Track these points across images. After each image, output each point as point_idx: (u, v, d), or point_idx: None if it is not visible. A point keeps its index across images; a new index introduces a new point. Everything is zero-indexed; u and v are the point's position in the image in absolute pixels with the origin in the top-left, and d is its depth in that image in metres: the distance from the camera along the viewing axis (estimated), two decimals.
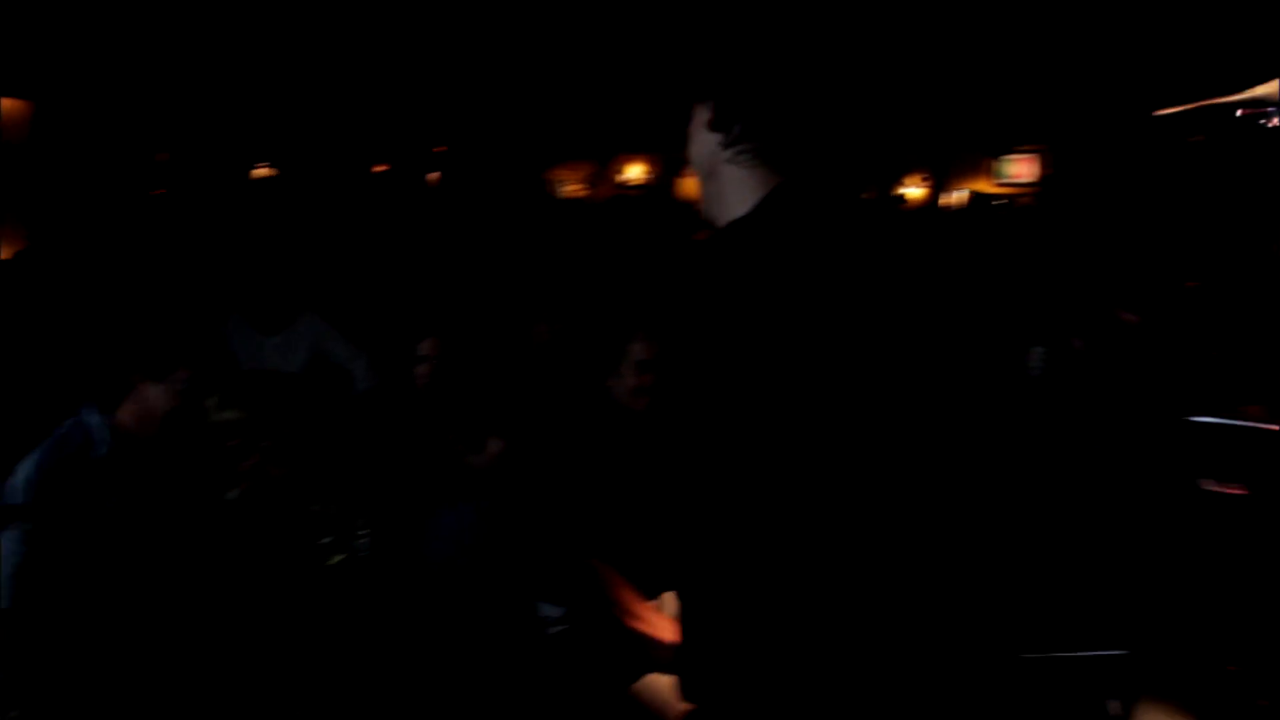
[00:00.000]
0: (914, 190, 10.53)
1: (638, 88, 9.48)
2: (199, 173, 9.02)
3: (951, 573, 1.48)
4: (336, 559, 2.90)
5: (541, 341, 3.95)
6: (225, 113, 9.05)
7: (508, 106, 10.20)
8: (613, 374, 3.01)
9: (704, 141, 1.46)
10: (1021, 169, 9.93)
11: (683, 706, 1.54)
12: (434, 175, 10.99)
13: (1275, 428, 3.40)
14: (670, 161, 10.92)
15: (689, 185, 10.86)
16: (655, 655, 2.74)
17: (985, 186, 10.05)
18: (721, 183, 1.45)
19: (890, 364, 1.37)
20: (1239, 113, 2.03)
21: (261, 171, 10.25)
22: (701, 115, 1.47)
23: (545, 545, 2.73)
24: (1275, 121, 1.98)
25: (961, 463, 1.48)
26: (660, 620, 2.79)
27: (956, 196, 10.08)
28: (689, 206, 10.81)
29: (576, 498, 2.81)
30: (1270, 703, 3.01)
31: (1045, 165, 9.77)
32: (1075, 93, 8.27)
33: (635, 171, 11.08)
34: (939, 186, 10.35)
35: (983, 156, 10.02)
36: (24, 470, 2.49)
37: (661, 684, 2.55)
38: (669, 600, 2.95)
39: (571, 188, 11.37)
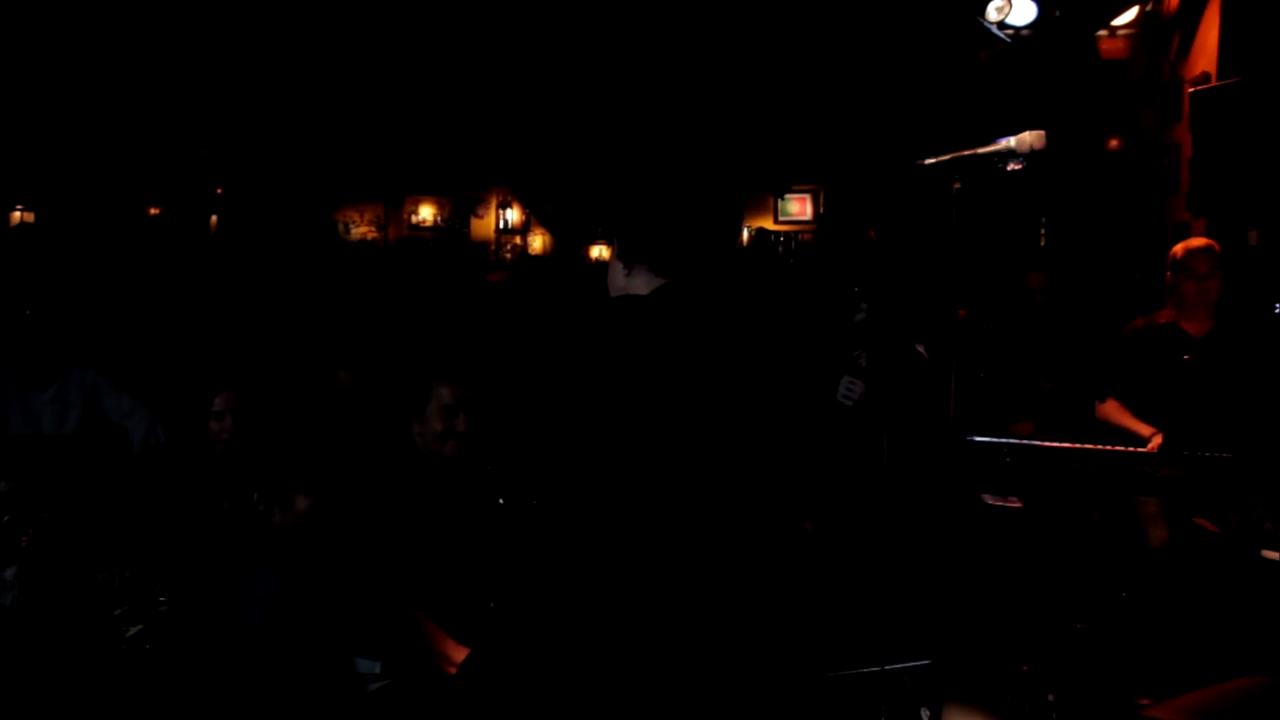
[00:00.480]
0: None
1: (428, 126, 9.41)
2: None
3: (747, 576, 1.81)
4: (133, 630, 2.72)
5: (344, 388, 3.83)
6: None
7: (291, 146, 9.88)
8: (417, 419, 2.97)
9: (617, 265, 1.93)
10: (799, 207, 10.47)
11: None
12: (214, 218, 10.50)
13: (1045, 443, 3.71)
14: (461, 203, 10.85)
15: (481, 227, 10.84)
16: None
17: (768, 224, 10.52)
18: (630, 281, 1.90)
19: (710, 391, 1.78)
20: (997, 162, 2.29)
21: (17, 216, 9.50)
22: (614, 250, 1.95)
23: (359, 600, 2.64)
24: (1014, 166, 2.28)
25: (764, 475, 1.86)
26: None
27: (746, 234, 10.52)
28: (481, 248, 10.79)
29: (388, 550, 2.75)
30: (1057, 697, 3.26)
31: (819, 204, 10.35)
32: (846, 139, 8.83)
33: (426, 212, 10.93)
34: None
35: (767, 195, 10.50)
36: None
37: None
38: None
39: (361, 229, 11.10)
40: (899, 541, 3.48)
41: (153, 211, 10.12)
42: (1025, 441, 3.75)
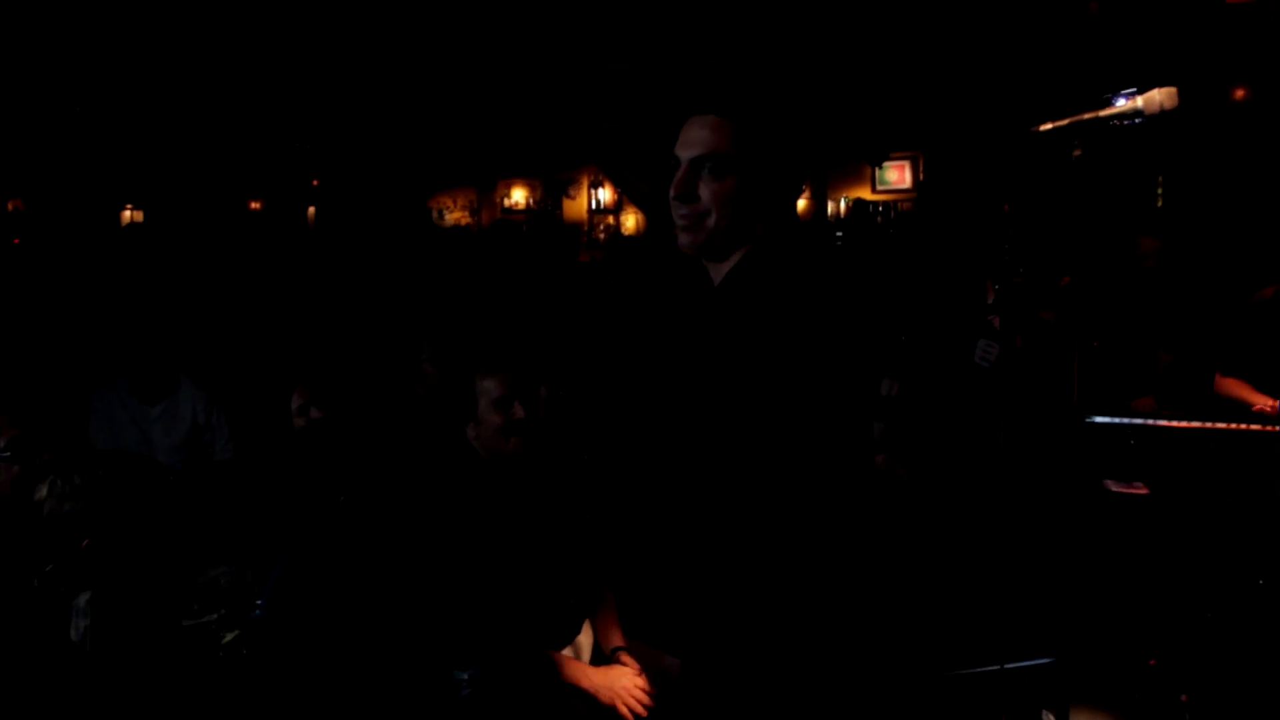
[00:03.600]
0: (800, 202, 10.64)
1: (518, 108, 9.36)
2: (59, 220, 8.54)
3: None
4: (229, 636, 2.69)
5: (430, 382, 3.75)
6: (86, 153, 8.61)
7: (384, 135, 9.95)
8: (472, 421, 2.75)
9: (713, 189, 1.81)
10: (898, 175, 10.10)
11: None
12: (311, 209, 10.66)
13: (1174, 424, 3.44)
14: (552, 184, 10.79)
15: (573, 207, 10.77)
16: (573, 705, 2.62)
17: (865, 194, 10.19)
18: (729, 229, 1.82)
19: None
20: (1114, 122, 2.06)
21: (128, 215, 9.77)
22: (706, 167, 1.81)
23: (449, 607, 2.57)
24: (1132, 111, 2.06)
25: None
26: (574, 668, 2.66)
27: (843, 205, 10.21)
28: (574, 229, 10.72)
29: (468, 557, 2.65)
30: (1190, 696, 3.03)
31: (919, 170, 9.96)
32: (950, 104, 8.46)
33: (519, 195, 10.92)
34: (821, 194, 10.46)
35: (863, 163, 10.16)
36: None
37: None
38: (583, 646, 2.83)
39: (455, 215, 11.15)
40: (1018, 531, 3.27)
41: (254, 206, 10.33)
42: (1151, 422, 3.48)
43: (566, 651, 2.73)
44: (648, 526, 3.22)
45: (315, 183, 10.55)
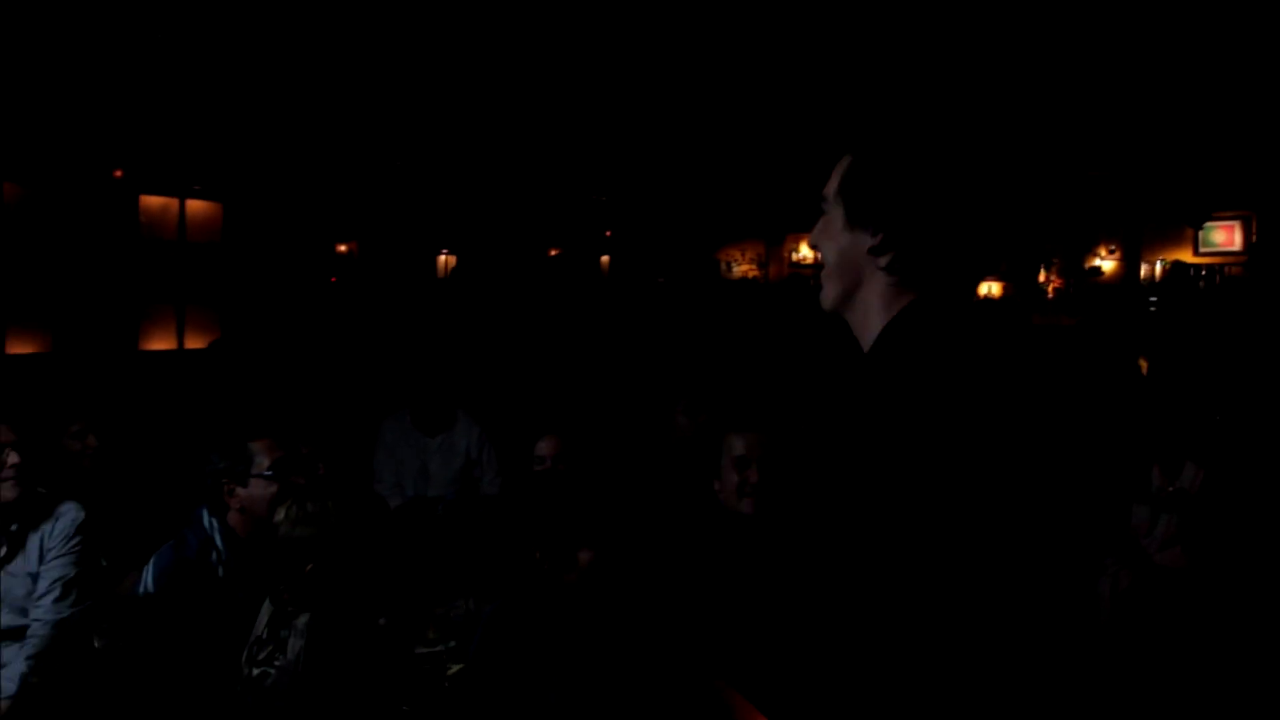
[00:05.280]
0: (1106, 263, 9.88)
1: (805, 162, 9.33)
2: (379, 262, 9.37)
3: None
4: (455, 668, 2.77)
5: (684, 435, 3.74)
6: (407, 201, 9.42)
7: (676, 188, 10.23)
8: (716, 475, 2.73)
9: (844, 240, 1.46)
10: (1226, 236, 9.15)
11: None
12: (605, 258, 11.11)
13: None
14: None
15: None
16: None
17: (1186, 256, 9.31)
18: (867, 290, 1.46)
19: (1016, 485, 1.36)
20: None
21: (443, 259, 10.56)
22: (836, 212, 1.48)
23: (655, 669, 2.52)
24: None
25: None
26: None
27: (1159, 267, 9.38)
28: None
29: (680, 612, 2.59)
30: None
31: (1251, 231, 8.97)
32: None
33: (806, 250, 10.87)
34: (1134, 257, 9.67)
35: (1183, 224, 9.30)
36: (150, 569, 2.53)
37: None
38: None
39: (743, 267, 11.26)
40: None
41: (552, 252, 10.91)
42: None
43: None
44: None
45: (608, 233, 11.00)
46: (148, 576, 2.54)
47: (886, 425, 1.35)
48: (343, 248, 9.30)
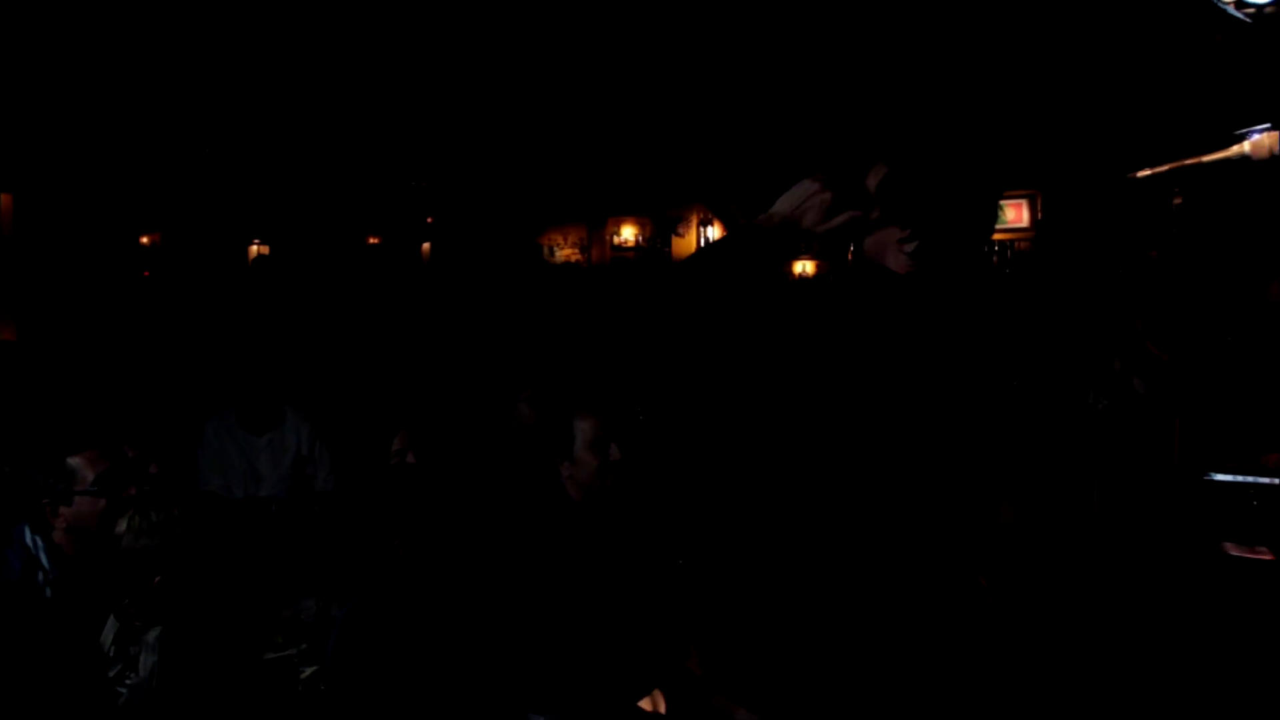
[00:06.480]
0: None
1: (628, 146, 9.44)
2: (188, 253, 8.94)
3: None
4: (309, 671, 2.72)
5: (525, 423, 3.74)
6: (215, 189, 9.01)
7: (497, 173, 10.15)
8: (566, 460, 2.78)
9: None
10: (1015, 214, 9.80)
11: None
12: (425, 246, 10.92)
13: None
14: (662, 222, 10.83)
15: (682, 245, 10.77)
16: None
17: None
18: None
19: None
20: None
21: (254, 250, 10.16)
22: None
23: (531, 652, 2.55)
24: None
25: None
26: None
27: None
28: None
29: (551, 598, 2.63)
30: None
31: (1037, 209, 9.64)
32: (1065, 143, 8.19)
33: (628, 233, 10.98)
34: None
35: None
36: None
37: None
38: (658, 699, 2.78)
39: (565, 252, 11.28)
40: (1120, 598, 3.09)
41: (372, 241, 10.64)
42: (1277, 481, 3.26)
43: (644, 703, 2.68)
44: (738, 578, 3.15)
45: (430, 220, 10.81)
46: None
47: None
48: (145, 240, 8.80)
